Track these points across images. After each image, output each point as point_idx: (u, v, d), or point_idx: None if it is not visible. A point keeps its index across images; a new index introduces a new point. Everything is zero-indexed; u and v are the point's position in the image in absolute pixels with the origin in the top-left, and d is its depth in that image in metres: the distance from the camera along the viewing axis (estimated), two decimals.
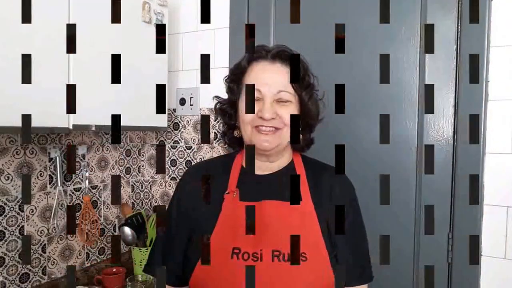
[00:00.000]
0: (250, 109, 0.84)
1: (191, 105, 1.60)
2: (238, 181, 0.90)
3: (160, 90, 0.65)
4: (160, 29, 1.00)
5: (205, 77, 0.60)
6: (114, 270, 1.45)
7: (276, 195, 0.87)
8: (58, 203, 1.35)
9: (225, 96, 0.96)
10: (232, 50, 1.50)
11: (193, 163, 1.60)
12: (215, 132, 1.55)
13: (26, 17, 0.56)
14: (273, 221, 0.84)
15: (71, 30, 0.59)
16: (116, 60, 0.59)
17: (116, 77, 0.58)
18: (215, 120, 1.52)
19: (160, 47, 0.71)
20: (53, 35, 1.05)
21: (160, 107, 0.66)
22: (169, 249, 0.92)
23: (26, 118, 0.53)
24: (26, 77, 0.55)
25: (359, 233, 0.93)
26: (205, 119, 0.64)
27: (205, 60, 0.60)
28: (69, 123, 1.11)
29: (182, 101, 1.62)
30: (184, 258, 0.89)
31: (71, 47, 0.58)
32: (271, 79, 0.86)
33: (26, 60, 0.56)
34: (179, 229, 0.91)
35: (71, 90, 0.57)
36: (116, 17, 0.58)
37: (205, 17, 0.60)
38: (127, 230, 1.50)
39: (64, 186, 1.38)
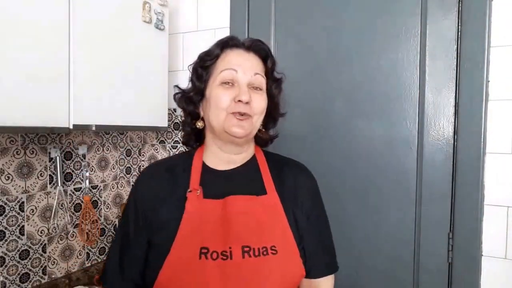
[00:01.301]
0: (227, 93, 0.83)
1: None
2: (201, 178, 0.86)
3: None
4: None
5: None
6: None
7: (240, 189, 0.85)
8: (59, 203, 1.35)
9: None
10: None
11: None
12: None
13: None
14: (240, 216, 0.81)
15: None
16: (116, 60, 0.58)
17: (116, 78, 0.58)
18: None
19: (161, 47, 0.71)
20: (53, 35, 1.05)
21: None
22: (127, 257, 0.86)
23: None
24: None
25: (324, 225, 0.94)
26: None
27: None
28: (69, 123, 1.10)
29: None
30: (145, 264, 0.84)
31: None
32: (247, 63, 0.86)
33: None
34: (137, 234, 0.85)
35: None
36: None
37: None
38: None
39: (65, 186, 1.38)
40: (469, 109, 1.15)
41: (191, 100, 0.90)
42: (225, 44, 0.89)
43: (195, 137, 0.94)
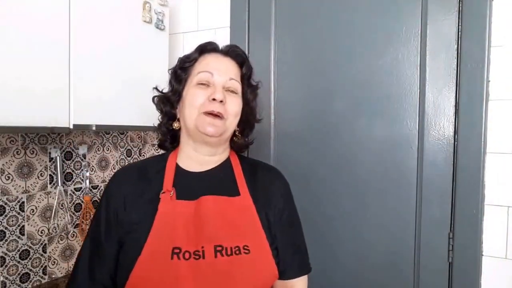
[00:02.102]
0: (201, 92, 0.85)
1: None
2: (174, 180, 0.87)
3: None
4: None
5: None
6: None
7: (214, 191, 0.86)
8: (59, 203, 1.35)
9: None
10: None
11: None
12: None
13: None
14: (213, 216, 0.82)
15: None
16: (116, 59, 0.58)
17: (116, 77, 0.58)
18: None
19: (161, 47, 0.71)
20: (53, 35, 1.05)
21: None
22: (97, 259, 0.83)
23: None
24: None
25: (296, 226, 0.95)
26: None
27: None
28: (70, 123, 1.10)
29: None
30: (116, 266, 0.82)
31: None
32: (223, 67, 0.89)
33: None
34: (109, 235, 0.84)
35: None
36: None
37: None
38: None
39: (65, 186, 1.38)
40: (470, 109, 1.15)
41: (168, 100, 0.93)
42: (203, 48, 0.92)
43: (171, 138, 0.96)
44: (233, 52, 0.92)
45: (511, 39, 1.12)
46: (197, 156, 0.90)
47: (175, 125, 0.92)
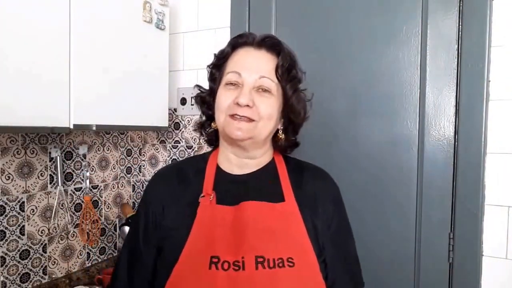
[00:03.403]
0: (228, 95, 0.79)
1: (192, 104, 1.60)
2: (214, 183, 0.82)
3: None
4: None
5: None
6: None
7: (256, 195, 0.80)
8: (59, 203, 1.35)
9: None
10: None
11: None
12: None
13: None
14: (254, 224, 0.75)
15: None
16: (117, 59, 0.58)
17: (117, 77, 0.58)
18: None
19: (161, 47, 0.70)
20: (53, 34, 1.05)
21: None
22: (136, 265, 0.82)
23: None
24: None
25: (347, 236, 0.88)
26: None
27: None
28: (70, 123, 1.10)
29: (183, 101, 1.62)
30: (153, 273, 0.80)
31: None
32: (254, 64, 0.81)
33: None
34: (147, 240, 0.81)
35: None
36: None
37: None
38: (128, 229, 1.50)
39: (65, 186, 1.38)
40: (470, 109, 1.15)
41: (203, 101, 0.88)
42: (235, 43, 0.85)
43: (215, 137, 0.91)
44: (269, 42, 0.83)
45: (511, 39, 1.12)
46: (235, 158, 0.85)
47: (213, 125, 0.87)
